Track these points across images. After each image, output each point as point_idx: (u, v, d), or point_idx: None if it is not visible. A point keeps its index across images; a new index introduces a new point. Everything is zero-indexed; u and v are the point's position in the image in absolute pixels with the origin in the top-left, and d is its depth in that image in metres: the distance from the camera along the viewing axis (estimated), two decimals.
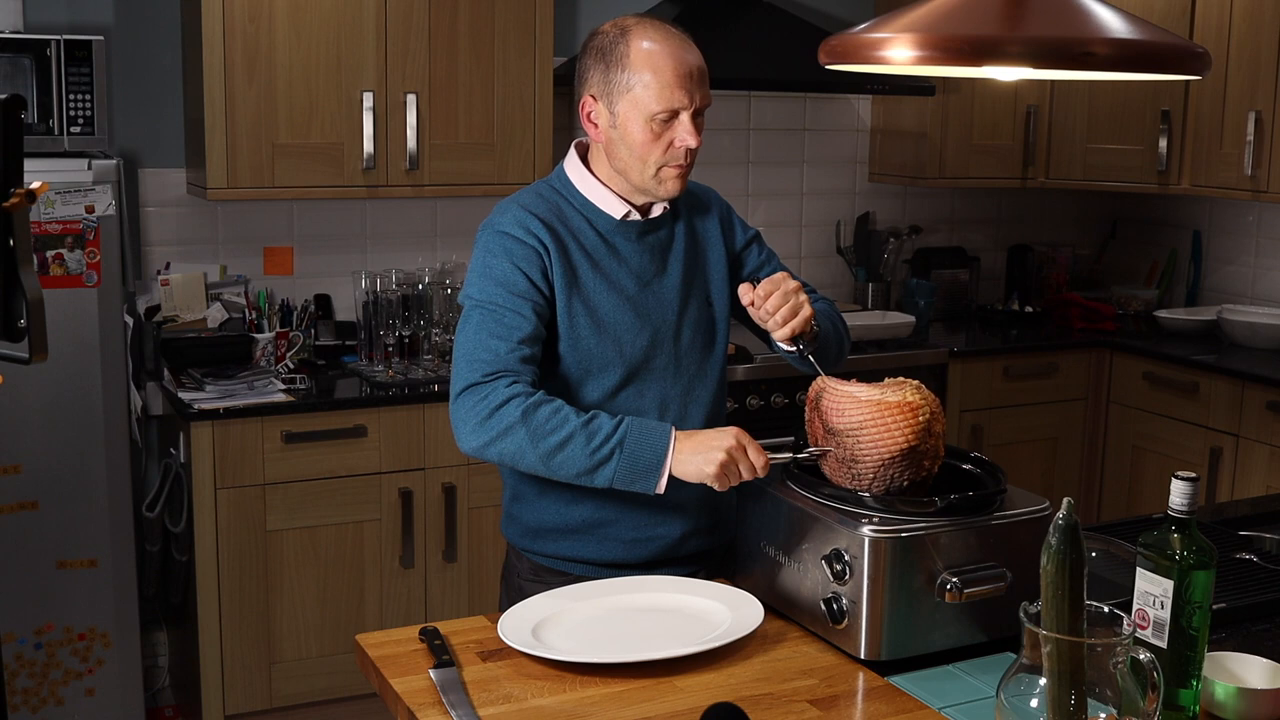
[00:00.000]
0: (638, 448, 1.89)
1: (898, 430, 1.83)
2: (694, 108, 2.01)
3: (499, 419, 1.91)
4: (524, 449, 1.91)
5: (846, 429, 1.86)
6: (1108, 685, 1.41)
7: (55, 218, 3.10)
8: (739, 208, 4.51)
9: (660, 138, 2.01)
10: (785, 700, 1.69)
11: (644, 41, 2.00)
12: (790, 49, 3.95)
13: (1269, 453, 3.83)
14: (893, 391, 1.87)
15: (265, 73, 3.44)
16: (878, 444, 1.84)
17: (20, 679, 3.20)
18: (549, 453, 1.90)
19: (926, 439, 1.86)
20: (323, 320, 3.86)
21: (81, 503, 3.21)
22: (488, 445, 1.93)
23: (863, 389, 1.89)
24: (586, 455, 1.89)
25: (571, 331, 2.04)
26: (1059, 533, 1.39)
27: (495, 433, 1.92)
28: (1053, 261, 4.91)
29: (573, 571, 2.13)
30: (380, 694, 1.77)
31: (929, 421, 1.85)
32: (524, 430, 1.90)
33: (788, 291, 1.99)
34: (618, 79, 2.01)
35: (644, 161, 2.04)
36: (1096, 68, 1.49)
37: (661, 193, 2.07)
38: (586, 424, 1.90)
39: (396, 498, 3.48)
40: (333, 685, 3.48)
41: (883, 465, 1.84)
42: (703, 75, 2.04)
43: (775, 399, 3.85)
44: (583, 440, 1.89)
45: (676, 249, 2.15)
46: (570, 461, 1.90)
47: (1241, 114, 4.07)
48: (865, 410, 1.85)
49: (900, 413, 1.84)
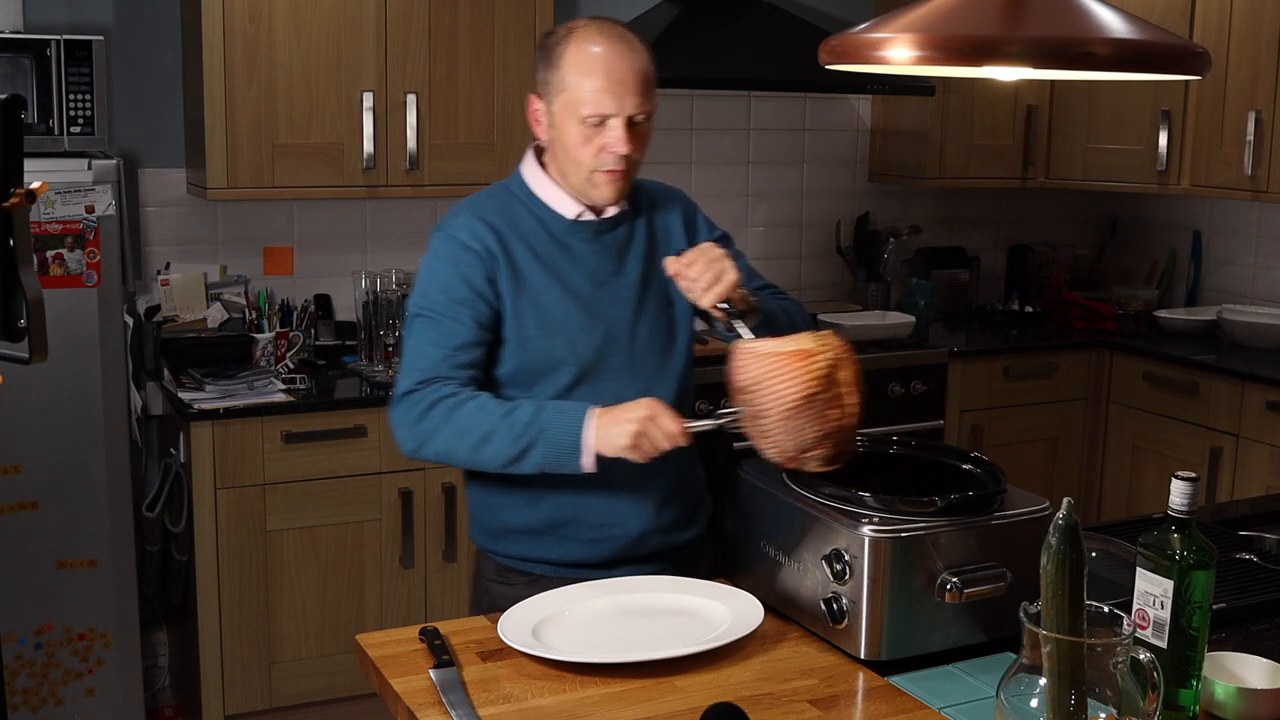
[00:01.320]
0: (556, 431, 1.95)
1: (794, 379, 1.78)
2: (625, 115, 2.00)
3: (428, 422, 2.00)
4: (453, 447, 2.00)
5: (748, 385, 1.83)
6: (1108, 685, 1.41)
7: (55, 218, 3.10)
8: (739, 207, 4.52)
9: (591, 141, 2.02)
10: (785, 700, 1.69)
11: (583, 44, 2.02)
12: (790, 49, 3.95)
13: (1269, 453, 3.83)
14: (791, 341, 1.82)
15: (265, 73, 3.44)
16: (777, 395, 1.79)
17: (20, 679, 3.20)
18: (475, 448, 1.98)
19: (828, 386, 1.79)
20: (323, 320, 3.86)
21: (81, 503, 3.21)
22: (421, 447, 2.02)
23: (764, 343, 1.85)
24: (510, 444, 1.96)
25: (520, 333, 2.07)
26: (1059, 533, 1.39)
27: (425, 435, 2.01)
28: (1053, 261, 4.91)
29: (534, 571, 2.14)
30: (380, 694, 1.77)
31: (829, 368, 1.79)
32: (450, 430, 1.98)
33: (712, 258, 1.97)
34: (554, 79, 2.03)
35: (577, 164, 2.05)
36: (1096, 68, 1.49)
37: (596, 197, 2.08)
38: (508, 415, 1.97)
39: (396, 498, 3.48)
40: (333, 685, 3.48)
41: (785, 418, 1.79)
42: (642, 82, 2.02)
43: None
44: (505, 431, 1.96)
45: (635, 248, 2.15)
46: (498, 453, 1.98)
47: (1241, 114, 4.07)
48: (762, 363, 1.81)
49: (795, 359, 1.79)
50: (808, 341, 1.82)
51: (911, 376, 4.07)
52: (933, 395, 4.12)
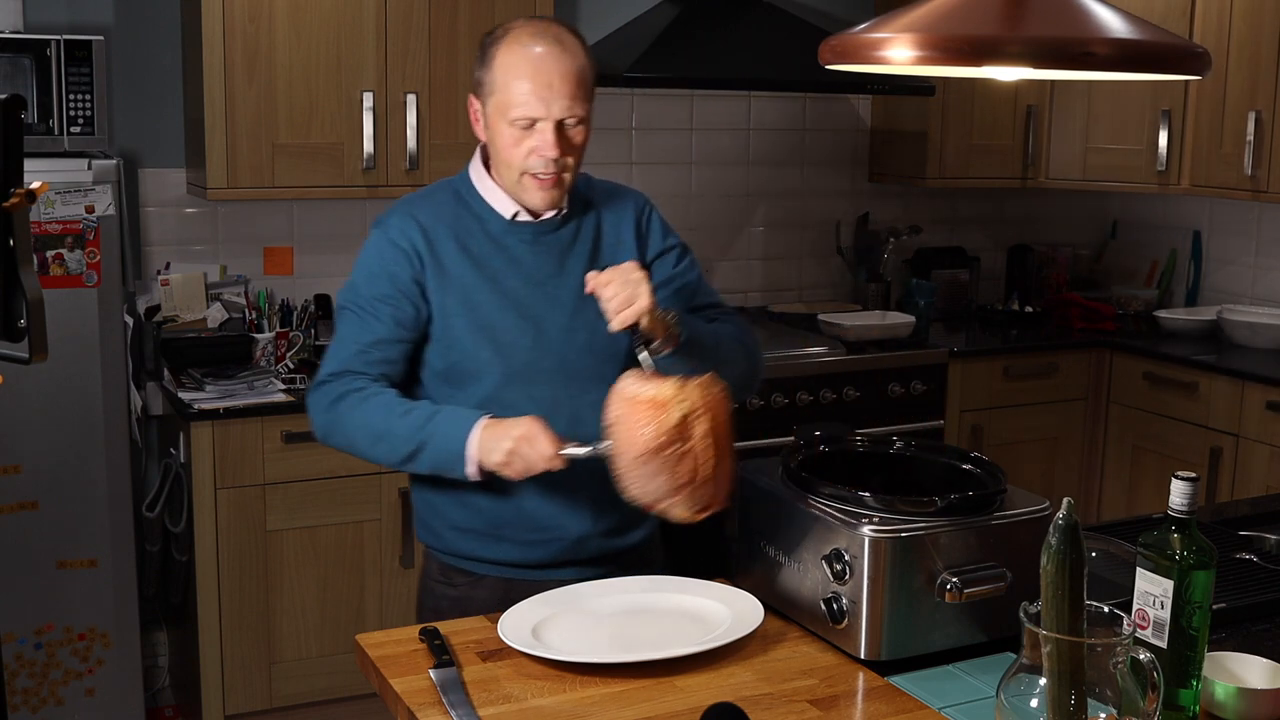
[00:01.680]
0: (444, 438, 1.95)
1: (642, 428, 1.74)
2: (554, 118, 1.98)
3: (335, 412, 2.03)
4: (354, 440, 2.03)
5: (608, 423, 1.82)
6: (1108, 685, 1.41)
7: (55, 218, 3.10)
8: (739, 207, 4.52)
9: (520, 144, 2.01)
10: (785, 700, 1.69)
11: (515, 45, 2.00)
12: (790, 49, 3.95)
13: (1269, 453, 3.83)
14: (651, 387, 1.77)
15: (265, 73, 3.44)
16: (627, 441, 1.77)
17: (20, 679, 3.20)
18: (372, 443, 2.01)
19: (680, 438, 1.74)
20: (323, 320, 3.86)
21: (81, 503, 3.21)
22: (328, 436, 2.06)
23: (627, 384, 1.81)
24: (402, 444, 1.98)
25: (447, 333, 2.06)
26: (1059, 533, 1.39)
27: (331, 425, 2.04)
28: (1053, 261, 4.91)
29: (476, 571, 2.14)
30: (380, 694, 1.77)
31: (682, 420, 1.74)
32: (352, 423, 2.01)
33: (628, 280, 1.89)
34: (487, 79, 2.03)
35: (509, 166, 2.04)
36: (1096, 68, 1.49)
37: (526, 200, 2.06)
38: (404, 415, 1.98)
39: (396, 498, 3.48)
40: (333, 685, 3.48)
41: (633, 465, 1.78)
42: (573, 85, 1.99)
43: (775, 398, 3.85)
44: (399, 431, 1.98)
45: (579, 250, 2.12)
46: (392, 451, 2.00)
47: (1241, 114, 4.07)
48: (618, 405, 1.80)
49: (647, 408, 1.75)
50: (668, 390, 1.77)
51: (911, 376, 4.07)
52: (933, 395, 4.12)
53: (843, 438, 2.11)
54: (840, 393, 3.95)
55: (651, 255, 2.19)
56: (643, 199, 2.23)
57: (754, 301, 4.59)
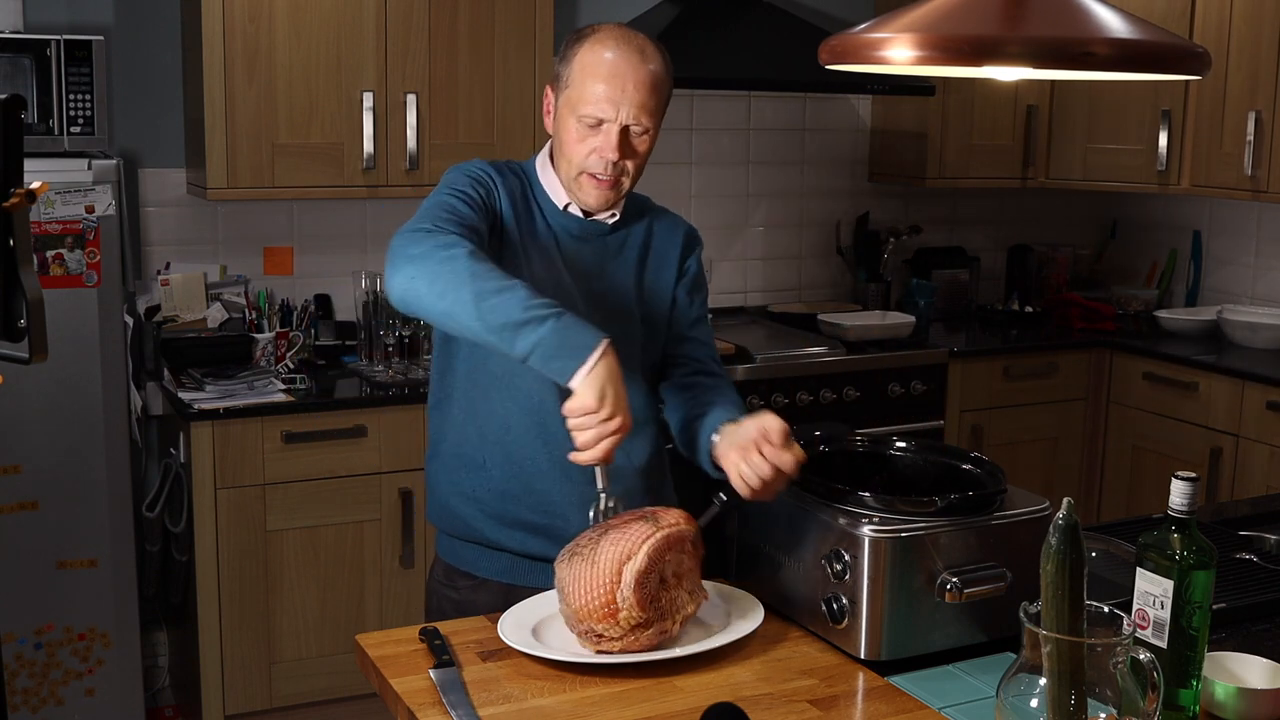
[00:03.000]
0: (574, 326, 1.79)
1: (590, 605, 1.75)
2: (621, 122, 2.00)
3: (445, 245, 1.85)
4: (462, 279, 1.81)
5: (560, 581, 1.82)
6: (1108, 685, 1.41)
7: (55, 218, 3.10)
8: (739, 207, 4.52)
9: (584, 141, 2.02)
10: (785, 700, 1.69)
11: (596, 45, 2.03)
12: (790, 49, 3.95)
13: (1269, 453, 3.84)
14: (595, 593, 1.75)
15: (265, 73, 3.44)
16: (570, 600, 1.78)
17: (20, 679, 3.20)
18: (485, 293, 1.79)
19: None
20: (323, 320, 3.86)
21: (81, 503, 3.21)
22: (425, 259, 1.83)
23: (575, 565, 1.79)
24: (523, 307, 1.78)
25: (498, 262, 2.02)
26: (1059, 533, 1.39)
27: (439, 256, 1.83)
28: (1053, 261, 4.91)
29: (476, 573, 2.14)
30: (380, 694, 1.77)
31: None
32: (468, 263, 1.82)
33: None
34: (564, 74, 2.06)
35: (569, 160, 2.05)
36: (1096, 68, 1.49)
37: (582, 198, 2.08)
38: (529, 286, 1.82)
39: (396, 498, 3.48)
40: (333, 685, 3.48)
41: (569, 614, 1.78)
42: (645, 92, 2.01)
43: (775, 399, 3.85)
44: (525, 294, 1.80)
45: (625, 258, 2.14)
46: (504, 308, 1.78)
47: (1241, 114, 4.07)
48: (562, 576, 1.81)
49: (601, 610, 1.75)
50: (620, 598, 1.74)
51: (911, 376, 4.07)
52: (933, 395, 4.12)
53: (843, 438, 2.11)
54: (840, 393, 3.95)
55: (684, 278, 2.20)
56: (694, 231, 2.26)
57: (754, 301, 4.59)
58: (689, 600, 1.81)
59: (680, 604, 1.79)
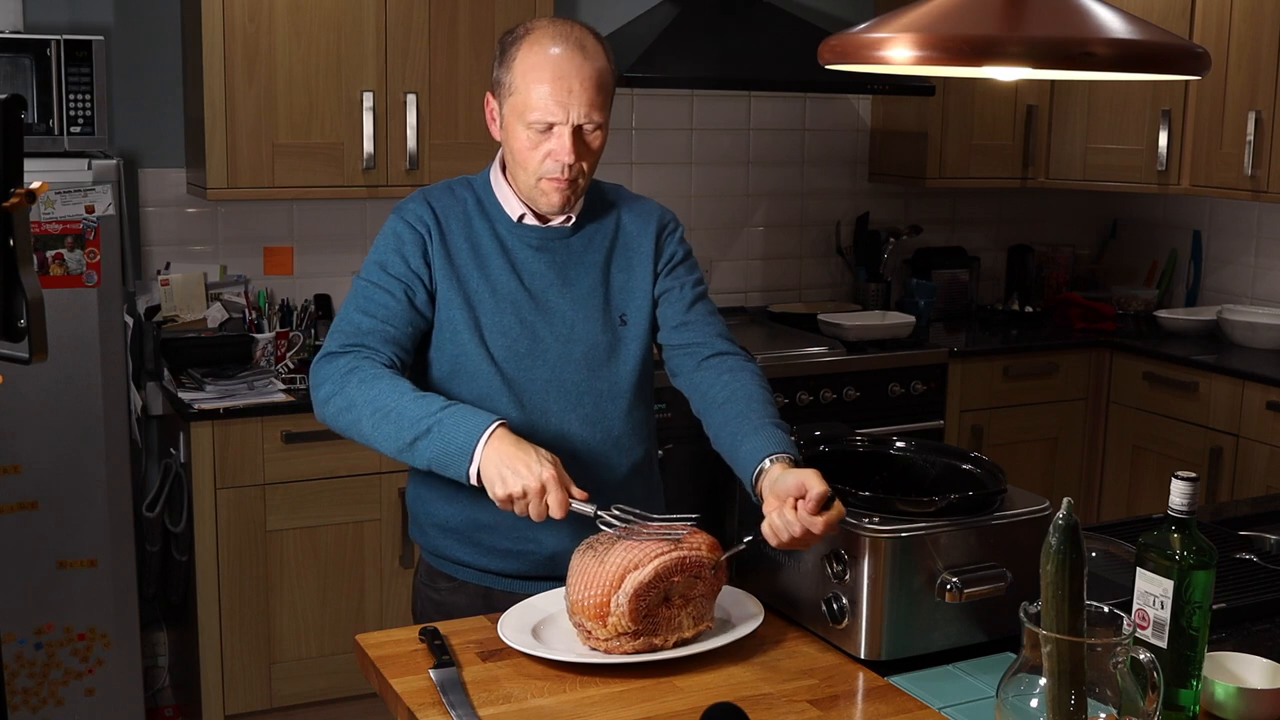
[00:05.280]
0: (455, 429, 1.83)
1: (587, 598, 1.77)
2: (572, 123, 1.96)
3: (344, 385, 1.93)
4: (359, 416, 1.90)
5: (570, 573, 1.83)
6: (1108, 685, 1.41)
7: (55, 218, 3.10)
8: (739, 207, 4.52)
9: (538, 147, 1.98)
10: (785, 700, 1.69)
11: (535, 46, 1.97)
12: (790, 49, 3.95)
13: (1269, 453, 3.84)
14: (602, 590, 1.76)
15: (265, 73, 3.44)
16: (573, 591, 1.79)
17: (20, 679, 3.20)
18: (377, 422, 1.88)
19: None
20: (323, 320, 3.86)
21: (81, 503, 3.21)
22: (330, 408, 1.94)
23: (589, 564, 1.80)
24: (409, 427, 1.86)
25: (447, 322, 2.04)
26: (1059, 533, 1.40)
27: (336, 398, 1.93)
28: (1053, 261, 4.91)
29: (457, 575, 2.13)
30: (380, 694, 1.77)
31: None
32: (361, 398, 1.90)
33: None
34: (506, 80, 2.00)
35: (524, 169, 2.01)
36: (1096, 68, 1.49)
37: (543, 204, 2.04)
38: (418, 398, 1.88)
39: (396, 498, 3.48)
40: (333, 685, 3.48)
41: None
42: (592, 90, 1.96)
43: (776, 399, 3.84)
44: (408, 411, 1.86)
45: (589, 262, 2.09)
46: (397, 433, 1.87)
47: (1241, 114, 4.07)
48: (581, 570, 1.81)
49: (594, 609, 1.77)
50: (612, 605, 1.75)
51: (911, 376, 4.07)
52: (933, 395, 4.12)
53: (843, 438, 2.11)
54: (840, 393, 3.95)
55: (663, 264, 2.15)
56: (670, 215, 2.20)
57: (754, 301, 4.59)
58: (690, 625, 1.80)
59: (678, 625, 1.79)
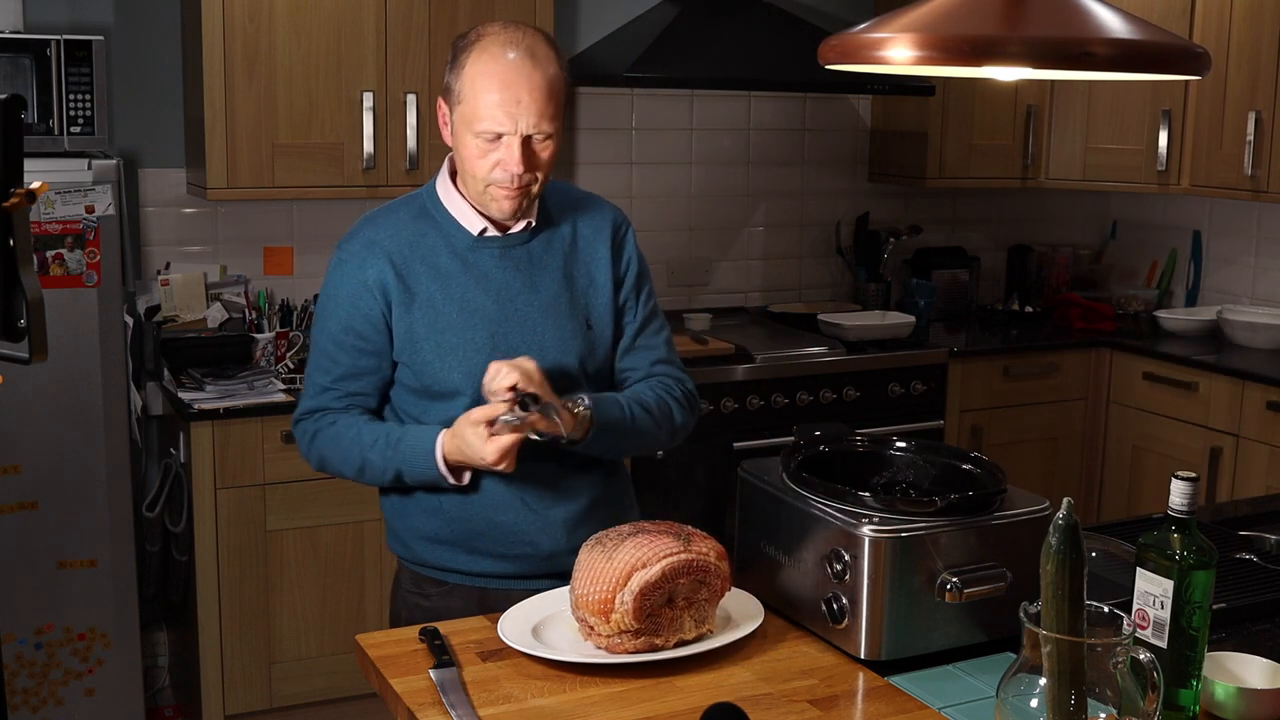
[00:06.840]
0: (409, 451, 2.01)
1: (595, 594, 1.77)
2: (520, 134, 1.93)
3: (315, 448, 2.10)
4: (343, 471, 2.10)
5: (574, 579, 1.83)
6: (1108, 685, 1.41)
7: (55, 218, 3.10)
8: (739, 207, 4.52)
9: (486, 156, 1.96)
10: (785, 700, 1.69)
11: (485, 53, 1.94)
12: (790, 49, 3.95)
13: (1269, 453, 3.83)
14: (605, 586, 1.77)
15: (265, 73, 3.44)
16: (579, 588, 1.79)
17: (20, 679, 3.20)
18: (358, 474, 2.08)
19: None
20: None
21: (81, 503, 3.21)
22: (321, 467, 2.13)
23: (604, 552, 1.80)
24: (381, 472, 2.05)
25: (415, 358, 2.03)
26: (1059, 533, 1.39)
27: (317, 459, 2.11)
28: (1053, 261, 4.91)
29: (447, 580, 2.11)
30: (380, 694, 1.77)
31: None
32: (333, 458, 2.08)
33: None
34: (456, 87, 1.98)
35: (474, 177, 1.99)
36: (1096, 68, 1.49)
37: (494, 211, 2.02)
38: (372, 445, 2.04)
39: None
40: (333, 685, 3.48)
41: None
42: (541, 100, 1.93)
43: (775, 399, 3.85)
44: (375, 461, 2.04)
45: (551, 264, 2.08)
46: (379, 478, 2.07)
47: (1241, 114, 4.07)
48: (587, 566, 1.81)
49: (598, 606, 1.77)
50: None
51: (911, 376, 4.07)
52: (933, 395, 4.12)
53: (843, 438, 2.10)
54: (840, 393, 3.95)
55: (623, 269, 2.15)
56: (621, 214, 2.19)
57: (754, 301, 4.59)
58: (692, 627, 1.79)
59: (680, 627, 1.78)
